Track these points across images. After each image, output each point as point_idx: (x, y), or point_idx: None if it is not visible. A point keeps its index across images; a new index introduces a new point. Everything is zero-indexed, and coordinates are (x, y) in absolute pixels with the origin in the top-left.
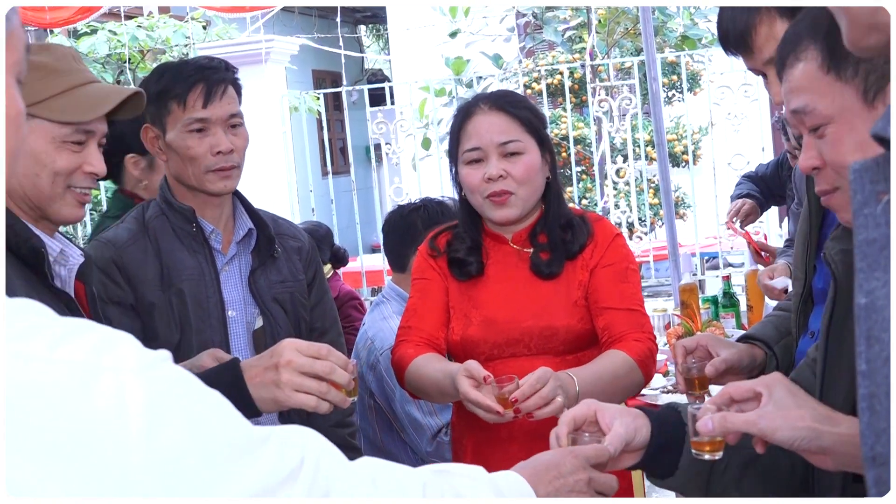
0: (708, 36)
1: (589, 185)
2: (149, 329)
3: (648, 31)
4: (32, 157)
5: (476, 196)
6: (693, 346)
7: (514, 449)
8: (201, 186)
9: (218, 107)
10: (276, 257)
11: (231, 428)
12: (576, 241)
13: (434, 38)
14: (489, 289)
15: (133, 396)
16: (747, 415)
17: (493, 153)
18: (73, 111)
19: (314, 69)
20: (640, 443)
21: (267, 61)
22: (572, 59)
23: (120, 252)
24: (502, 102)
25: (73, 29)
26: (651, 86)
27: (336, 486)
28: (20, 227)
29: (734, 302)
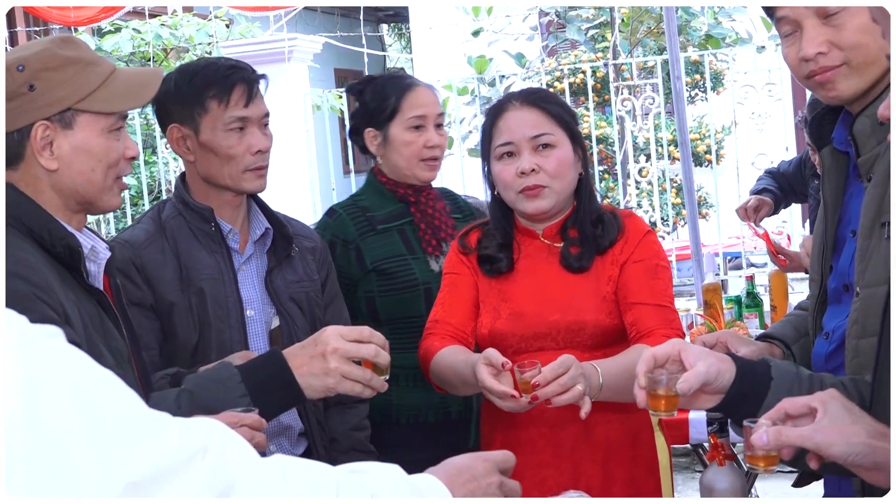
0: (732, 35)
1: (611, 185)
2: (168, 329)
3: (672, 30)
4: (87, 153)
5: (509, 192)
6: (713, 343)
7: (542, 444)
8: (237, 185)
9: (256, 106)
10: (293, 257)
11: (123, 408)
12: (606, 235)
13: (457, 36)
14: (518, 283)
15: (7, 373)
16: (802, 429)
17: (526, 147)
18: (117, 100)
19: (336, 68)
20: (721, 386)
21: (290, 60)
22: (595, 57)
23: (138, 252)
24: (534, 98)
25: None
26: (674, 85)
27: (242, 480)
28: (55, 226)
29: (758, 302)
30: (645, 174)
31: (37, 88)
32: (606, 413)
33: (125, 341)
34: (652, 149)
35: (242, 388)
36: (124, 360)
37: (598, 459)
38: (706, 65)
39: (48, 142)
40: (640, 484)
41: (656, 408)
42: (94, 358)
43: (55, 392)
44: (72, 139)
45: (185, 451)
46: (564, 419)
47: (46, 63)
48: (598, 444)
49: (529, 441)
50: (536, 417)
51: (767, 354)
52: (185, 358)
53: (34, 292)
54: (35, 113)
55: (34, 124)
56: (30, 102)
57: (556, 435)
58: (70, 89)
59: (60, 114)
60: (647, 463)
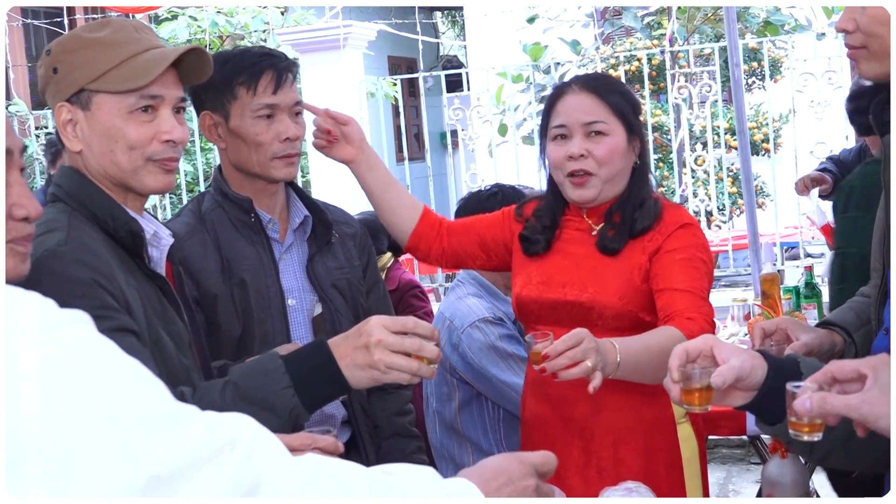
0: (791, 22)
1: (666, 173)
2: (212, 321)
3: (730, 17)
4: (104, 134)
5: (558, 172)
6: (773, 329)
7: (553, 422)
8: (265, 173)
9: (286, 93)
10: (333, 243)
11: (146, 400)
12: (641, 220)
13: (511, 23)
14: (553, 259)
15: (27, 360)
16: (849, 398)
17: (578, 132)
18: (131, 78)
19: (390, 55)
20: (753, 383)
21: (345, 47)
22: (651, 45)
23: (180, 246)
24: (594, 84)
25: (154, 14)
26: (733, 72)
27: (271, 477)
28: (118, 211)
29: (816, 292)
30: (701, 163)
31: (59, 71)
32: (617, 398)
33: (187, 327)
34: (708, 137)
35: (287, 380)
36: (185, 346)
37: (607, 442)
38: (764, 52)
39: (73, 123)
40: (657, 477)
41: (690, 402)
42: (153, 344)
43: (75, 380)
44: (91, 120)
45: (212, 446)
46: (575, 398)
47: (67, 46)
48: (608, 427)
49: (545, 422)
50: (550, 394)
51: (828, 341)
52: (230, 349)
53: (95, 278)
54: (59, 95)
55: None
56: (55, 85)
57: (566, 412)
58: (85, 70)
59: (77, 95)
60: (667, 456)
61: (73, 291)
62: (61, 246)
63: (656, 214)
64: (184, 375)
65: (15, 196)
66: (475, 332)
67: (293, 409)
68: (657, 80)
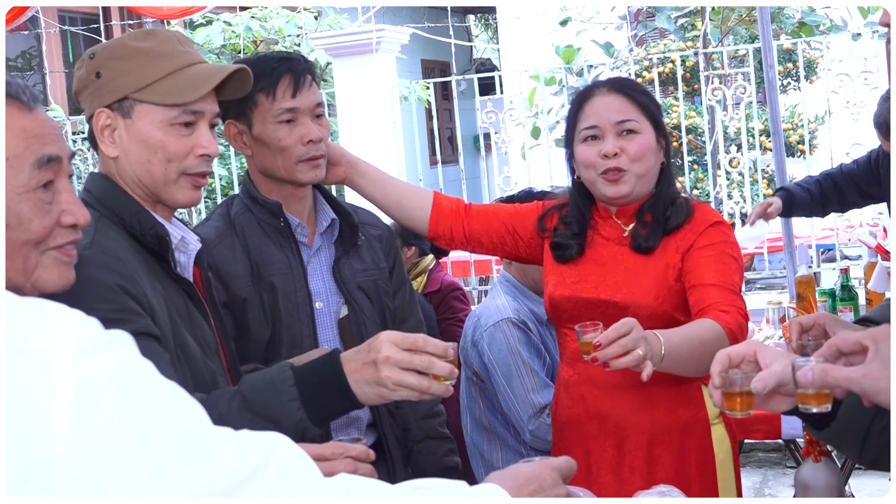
0: (826, 22)
1: (701, 175)
2: (241, 325)
3: (764, 18)
4: (143, 144)
5: (590, 171)
6: (810, 324)
7: (587, 420)
8: (291, 177)
9: (305, 96)
10: (360, 245)
11: (181, 425)
12: (674, 217)
13: (544, 26)
14: (586, 262)
15: (61, 381)
16: (851, 370)
17: (610, 131)
18: (177, 93)
19: (423, 59)
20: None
21: (377, 51)
22: (685, 46)
23: (209, 251)
24: (620, 85)
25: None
26: (767, 73)
27: (304, 498)
28: (145, 216)
29: (852, 295)
30: (735, 164)
31: (102, 76)
32: (653, 399)
33: (213, 332)
34: (743, 139)
35: (294, 392)
36: (212, 351)
37: (642, 442)
38: (799, 53)
39: (111, 129)
40: (689, 477)
41: (731, 407)
42: (179, 348)
43: (109, 405)
44: (131, 129)
45: (244, 470)
46: (611, 398)
47: (114, 52)
48: (643, 428)
49: (579, 422)
50: (585, 395)
51: None
52: (259, 353)
53: (118, 282)
54: (99, 100)
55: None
56: (96, 90)
57: (601, 412)
58: (130, 78)
59: (119, 102)
60: (700, 458)
61: (96, 295)
62: (86, 250)
63: (689, 211)
64: (210, 379)
65: (64, 203)
66: (497, 331)
67: (299, 423)
68: (691, 82)
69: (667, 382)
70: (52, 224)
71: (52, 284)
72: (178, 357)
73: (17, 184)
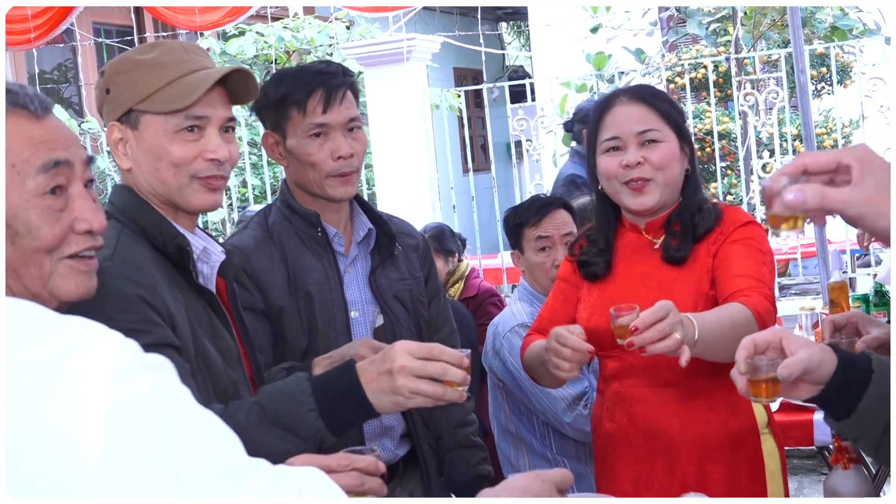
0: (859, 26)
1: (734, 181)
2: (278, 333)
3: (796, 23)
4: (150, 153)
5: (613, 182)
6: (843, 323)
7: (639, 439)
8: (322, 192)
9: (337, 112)
10: (396, 255)
11: (213, 455)
12: (703, 223)
13: (575, 33)
14: (617, 282)
15: (93, 405)
16: (848, 192)
17: (632, 142)
18: (174, 99)
19: (455, 67)
20: (822, 376)
21: (409, 59)
22: (717, 52)
23: (248, 258)
24: (641, 94)
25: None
26: (798, 78)
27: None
28: (166, 226)
29: (886, 300)
30: (769, 170)
31: (111, 92)
32: (704, 412)
33: (236, 342)
34: (776, 144)
35: (312, 402)
36: (234, 361)
37: (694, 459)
38: (832, 57)
39: (123, 142)
40: (741, 489)
41: (757, 394)
42: (200, 357)
43: (141, 430)
44: (139, 139)
45: (275, 502)
46: (660, 412)
47: (119, 67)
48: (695, 442)
49: (627, 437)
50: (635, 413)
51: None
52: (295, 361)
53: (138, 293)
54: (111, 115)
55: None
56: (107, 105)
57: (651, 431)
58: (134, 91)
59: (127, 115)
60: (750, 467)
61: (116, 306)
62: (107, 261)
63: (717, 215)
64: (231, 389)
65: (77, 209)
66: (514, 337)
67: (317, 433)
68: (723, 88)
69: (715, 392)
70: (63, 231)
71: (69, 293)
72: (200, 367)
73: (24, 190)
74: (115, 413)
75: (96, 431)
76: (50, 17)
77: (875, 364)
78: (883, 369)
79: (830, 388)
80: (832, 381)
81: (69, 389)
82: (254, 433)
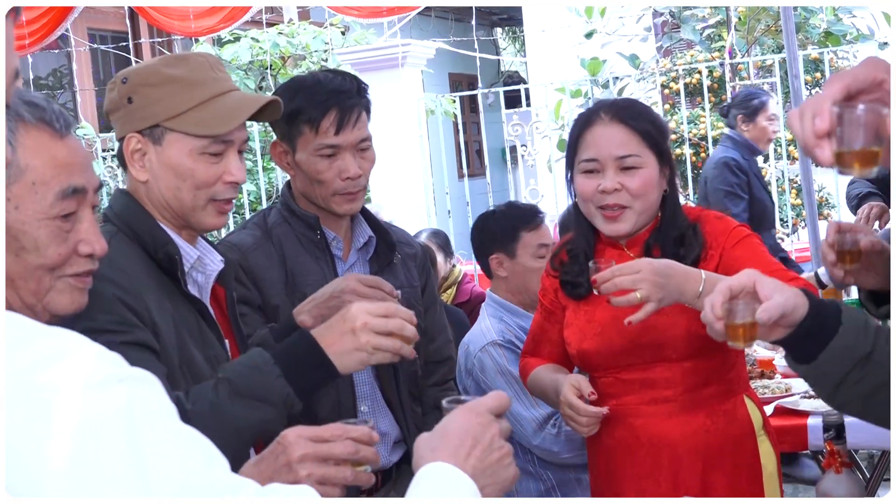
0: (853, 32)
1: None
2: None
3: (790, 28)
4: (172, 171)
5: (589, 205)
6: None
7: (642, 454)
8: (327, 207)
9: (349, 133)
10: (395, 264)
11: (190, 469)
12: (688, 254)
13: (570, 39)
14: (603, 302)
15: (64, 417)
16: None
17: (611, 166)
18: (209, 123)
19: (450, 72)
20: (794, 320)
21: (404, 65)
22: (711, 57)
23: (245, 256)
24: (623, 114)
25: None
26: (793, 83)
27: None
28: (158, 233)
29: None
30: (763, 174)
31: (134, 101)
32: (703, 422)
33: (227, 351)
34: (770, 149)
35: (277, 370)
36: None
37: (696, 469)
38: (826, 62)
39: (141, 154)
40: (742, 493)
41: (734, 338)
42: (185, 364)
43: (112, 444)
44: (161, 155)
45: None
46: (661, 426)
47: (147, 79)
48: (698, 452)
49: (629, 452)
50: (636, 427)
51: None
52: None
53: (117, 295)
54: (130, 125)
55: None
56: (128, 114)
57: (654, 445)
58: (162, 106)
59: (151, 129)
60: (750, 471)
61: (95, 306)
62: None
63: (701, 242)
64: None
65: (83, 232)
66: (485, 356)
67: (287, 398)
68: (718, 93)
69: (711, 402)
70: (68, 252)
71: (63, 308)
72: (184, 373)
73: (38, 209)
74: (83, 426)
75: (65, 443)
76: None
77: (844, 316)
78: (851, 325)
79: (799, 332)
80: (801, 326)
81: (42, 401)
82: (226, 408)
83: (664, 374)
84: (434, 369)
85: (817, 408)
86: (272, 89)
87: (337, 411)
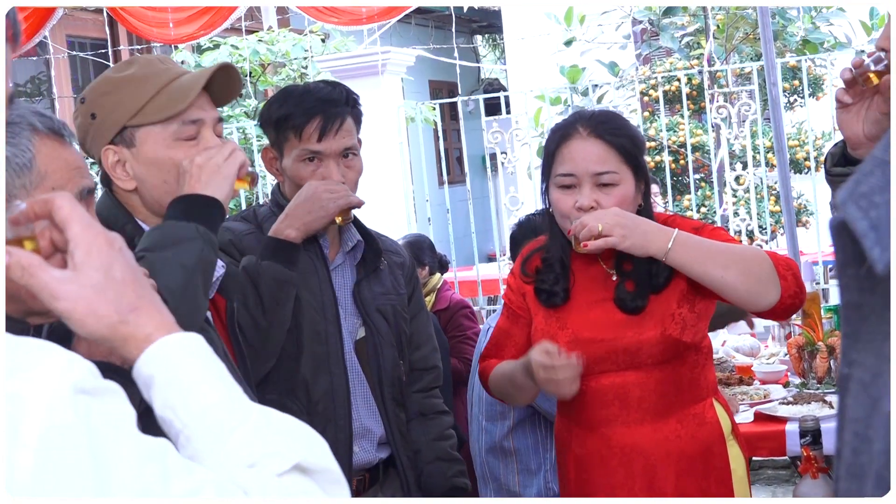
0: (830, 39)
1: (708, 193)
2: None
3: (767, 36)
4: (155, 167)
5: (564, 221)
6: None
7: (614, 464)
8: None
9: (332, 141)
10: (382, 270)
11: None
12: (660, 273)
13: (549, 46)
14: (575, 309)
15: (29, 425)
16: None
17: (587, 182)
18: (167, 106)
19: (430, 79)
20: None
21: (384, 72)
22: (690, 65)
23: (239, 238)
24: (601, 129)
25: (196, 44)
26: (771, 91)
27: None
28: (131, 227)
29: None
30: (742, 182)
31: (97, 116)
32: (675, 427)
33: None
34: (748, 156)
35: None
36: None
37: (670, 477)
38: (804, 70)
39: (121, 164)
40: (711, 496)
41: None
42: None
43: (73, 455)
44: (138, 156)
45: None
46: (634, 439)
47: (101, 89)
48: (670, 458)
49: (602, 463)
50: (608, 436)
51: None
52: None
53: None
54: (101, 138)
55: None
56: (96, 131)
57: (626, 455)
58: (123, 109)
59: (120, 134)
60: (719, 475)
61: None
62: None
63: None
64: None
65: None
66: None
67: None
68: (697, 100)
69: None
70: None
71: None
72: None
73: None
74: (49, 434)
75: (28, 452)
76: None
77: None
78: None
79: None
80: None
81: (8, 410)
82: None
83: (638, 380)
84: (419, 376)
85: (794, 414)
86: (252, 96)
87: (330, 396)
